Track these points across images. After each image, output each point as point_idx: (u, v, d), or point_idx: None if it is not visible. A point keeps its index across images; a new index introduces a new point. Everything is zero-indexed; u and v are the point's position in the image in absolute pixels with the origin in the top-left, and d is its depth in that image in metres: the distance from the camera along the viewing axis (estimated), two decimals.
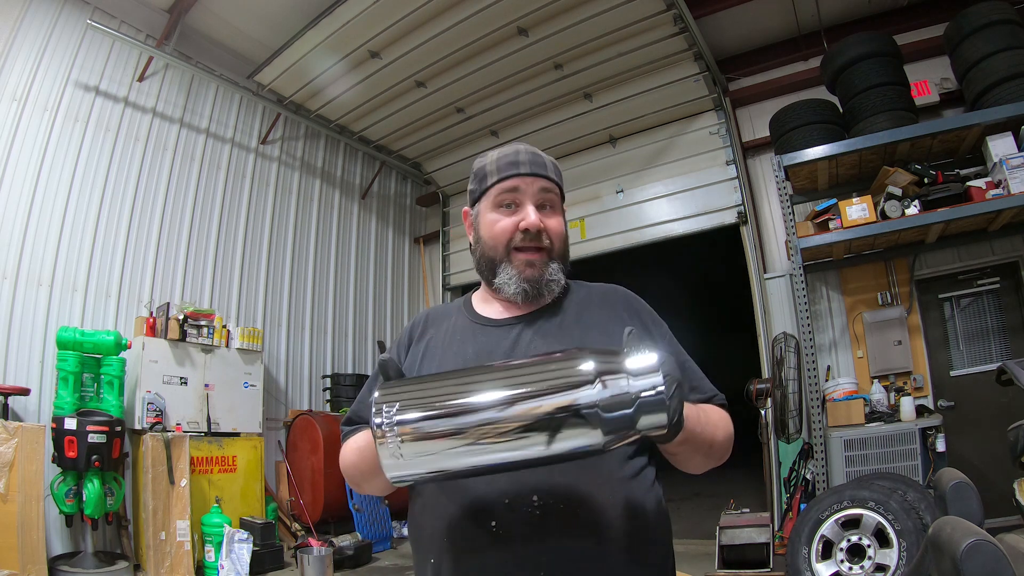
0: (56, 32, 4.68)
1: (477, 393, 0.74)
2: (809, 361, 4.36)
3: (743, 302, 5.83)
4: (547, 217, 1.09)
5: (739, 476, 7.33)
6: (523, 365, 0.78)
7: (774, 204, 5.39)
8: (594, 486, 0.93)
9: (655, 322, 1.14)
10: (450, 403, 0.74)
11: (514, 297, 1.09)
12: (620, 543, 0.93)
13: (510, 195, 1.08)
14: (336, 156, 7.03)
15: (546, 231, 1.08)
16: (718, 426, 0.99)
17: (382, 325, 7.30)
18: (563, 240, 1.12)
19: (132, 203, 5.03)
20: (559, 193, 1.14)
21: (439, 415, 0.73)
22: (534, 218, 1.06)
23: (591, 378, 0.71)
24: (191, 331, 4.80)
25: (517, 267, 1.07)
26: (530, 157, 1.11)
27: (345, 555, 4.56)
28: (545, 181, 1.10)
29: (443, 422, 0.73)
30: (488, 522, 0.91)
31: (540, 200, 1.09)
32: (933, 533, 1.05)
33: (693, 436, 0.90)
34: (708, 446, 0.95)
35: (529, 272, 1.07)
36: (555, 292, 1.10)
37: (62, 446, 3.78)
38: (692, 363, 1.10)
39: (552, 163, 1.14)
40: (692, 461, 0.98)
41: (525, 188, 1.08)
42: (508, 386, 0.74)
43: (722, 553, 4.06)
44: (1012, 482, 2.88)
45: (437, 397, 0.76)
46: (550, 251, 1.09)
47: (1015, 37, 4.08)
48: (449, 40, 5.08)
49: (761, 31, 5.62)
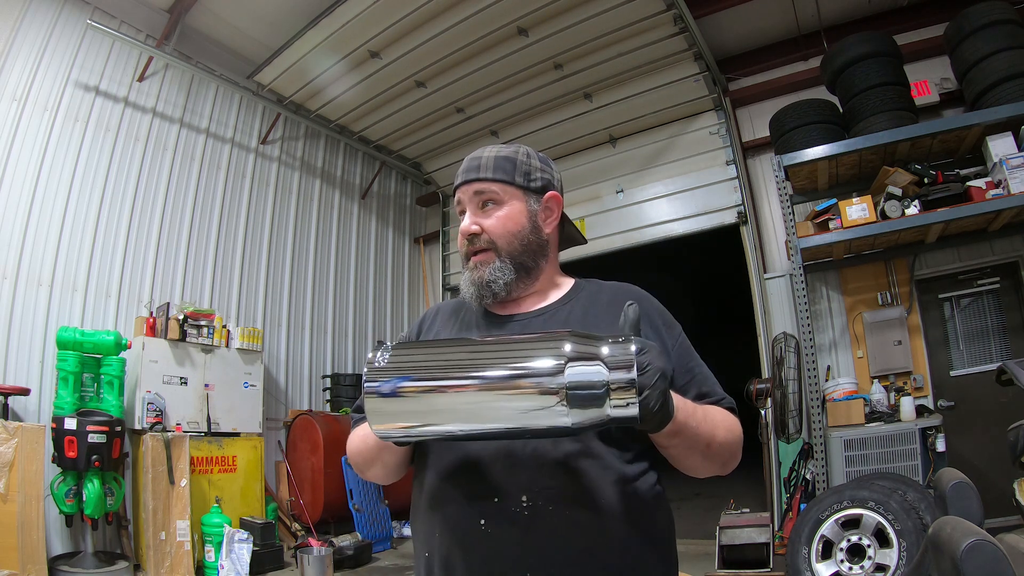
0: (56, 32, 4.68)
1: (460, 358, 0.81)
2: (809, 361, 4.36)
3: (743, 302, 5.83)
4: (485, 217, 1.09)
5: (739, 476, 7.33)
6: (509, 340, 0.83)
7: (774, 204, 5.39)
8: (585, 488, 0.93)
9: (667, 324, 1.11)
10: (432, 364, 0.82)
11: (469, 300, 1.12)
12: (613, 551, 0.93)
13: (459, 207, 1.14)
14: (336, 156, 7.03)
15: (483, 232, 1.09)
16: (719, 425, 0.97)
17: (382, 325, 7.30)
18: (510, 234, 1.08)
19: (132, 203, 5.03)
20: (506, 185, 1.09)
21: (421, 375, 0.80)
22: (465, 223, 1.11)
23: (563, 359, 0.74)
24: (191, 331, 4.80)
25: (469, 269, 1.11)
26: (467, 163, 1.13)
27: (345, 555, 4.56)
28: (478, 183, 1.10)
29: (423, 382, 0.80)
30: (478, 520, 0.93)
31: (477, 202, 1.11)
32: (933, 533, 1.05)
33: (685, 429, 0.89)
34: (705, 444, 0.93)
35: (475, 275, 1.09)
36: (499, 293, 1.08)
37: (62, 446, 3.78)
38: (703, 367, 1.08)
39: (495, 158, 1.11)
40: (690, 460, 0.96)
41: (464, 197, 1.12)
42: (489, 355, 0.79)
43: (722, 553, 4.06)
44: (1012, 482, 2.88)
45: (423, 359, 0.83)
46: (494, 250, 1.08)
47: (1015, 37, 4.08)
48: (449, 40, 5.08)
49: (761, 31, 5.62)
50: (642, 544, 0.96)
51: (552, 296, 1.14)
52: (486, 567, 0.92)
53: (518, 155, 1.12)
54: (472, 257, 1.10)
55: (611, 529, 0.93)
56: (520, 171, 1.11)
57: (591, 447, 0.95)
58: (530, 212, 1.11)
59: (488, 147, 1.15)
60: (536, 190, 1.12)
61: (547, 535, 0.91)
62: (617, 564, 0.93)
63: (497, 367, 0.76)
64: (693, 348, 1.11)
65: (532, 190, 1.12)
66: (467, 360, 0.80)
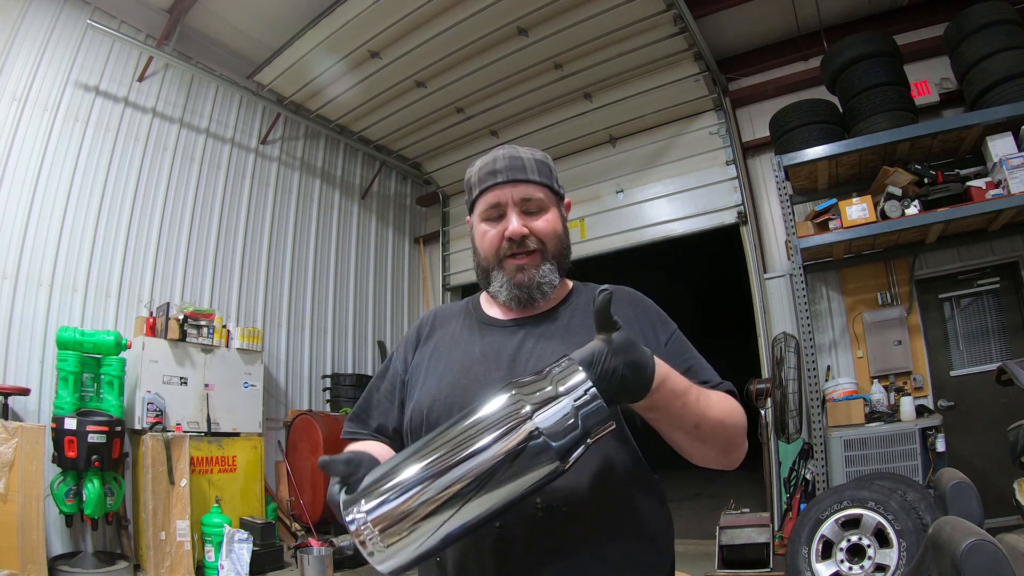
0: (56, 32, 4.68)
1: (433, 464, 0.75)
2: (809, 361, 4.36)
3: (743, 302, 5.83)
4: (533, 219, 1.08)
5: (739, 476, 7.34)
6: (470, 420, 0.78)
7: (774, 204, 5.39)
8: (596, 488, 0.94)
9: (663, 322, 1.12)
10: (411, 480, 0.75)
11: (507, 303, 1.10)
12: (621, 544, 0.94)
13: (494, 209, 1.09)
14: (336, 156, 7.02)
15: (533, 234, 1.07)
16: (713, 404, 0.95)
17: (382, 325, 7.30)
18: (557, 238, 1.10)
19: (132, 203, 5.02)
20: (548, 191, 1.11)
21: (405, 496, 0.74)
22: (516, 225, 1.06)
23: (527, 416, 0.74)
24: (191, 331, 4.80)
25: (508, 273, 1.08)
26: (507, 163, 1.09)
27: (345, 555, 4.55)
28: (525, 185, 1.07)
29: (411, 500, 0.73)
30: (492, 523, 0.92)
31: (523, 205, 1.08)
32: (933, 533, 1.05)
33: (670, 400, 0.87)
34: (694, 424, 0.91)
35: (519, 277, 1.07)
36: (547, 294, 1.09)
37: (62, 446, 3.78)
38: (700, 360, 1.08)
39: (535, 161, 1.11)
40: (675, 436, 0.94)
41: (505, 197, 1.07)
42: (460, 446, 0.75)
43: (722, 553, 4.06)
44: (1012, 482, 2.89)
45: (404, 504, 0.74)
46: (543, 252, 1.08)
47: (1015, 37, 4.08)
48: (449, 40, 5.07)
49: (761, 31, 5.62)
50: (648, 541, 0.98)
51: (555, 298, 1.15)
52: (502, 569, 0.92)
53: (548, 160, 1.15)
54: (512, 259, 1.08)
55: (621, 527, 0.95)
56: (554, 177, 1.14)
57: (600, 445, 0.96)
58: (563, 217, 1.15)
59: (517, 148, 1.13)
60: (562, 197, 1.17)
61: (562, 534, 0.92)
62: (624, 561, 0.94)
63: (477, 456, 0.74)
64: (690, 343, 1.11)
65: (560, 196, 1.16)
66: (446, 462, 0.75)
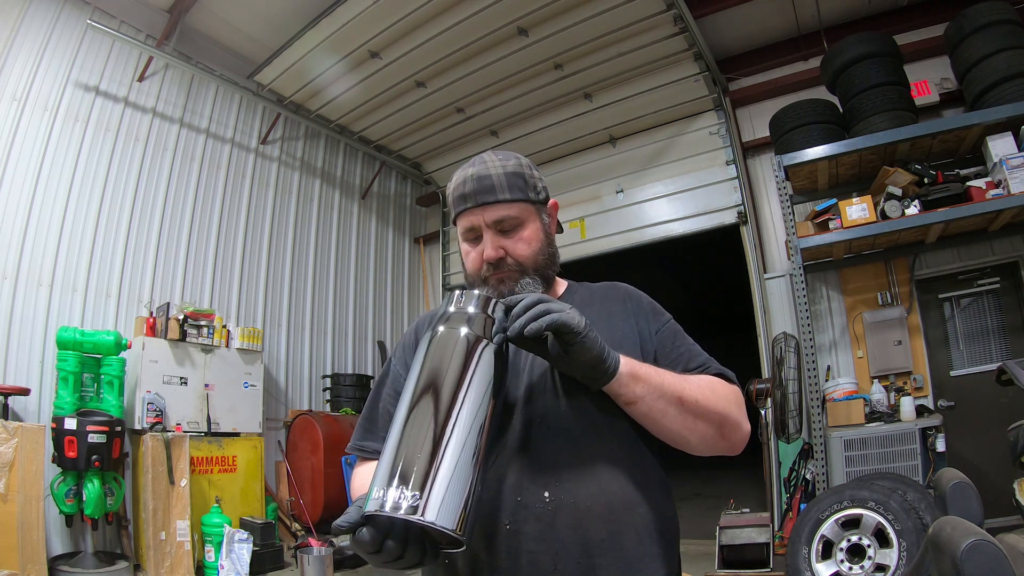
0: (56, 32, 4.68)
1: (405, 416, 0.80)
2: (809, 361, 4.36)
3: (743, 302, 5.83)
4: (508, 238, 1.07)
5: (739, 476, 7.34)
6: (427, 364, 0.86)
7: (774, 204, 5.39)
8: (604, 484, 0.95)
9: (656, 312, 1.15)
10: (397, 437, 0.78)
11: None
12: (631, 537, 0.95)
13: (470, 232, 1.09)
14: (336, 156, 7.02)
15: (509, 255, 1.06)
16: (693, 383, 0.98)
17: (382, 325, 7.30)
18: (535, 253, 1.08)
19: (132, 203, 5.03)
20: (524, 203, 1.08)
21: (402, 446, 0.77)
22: (490, 251, 1.06)
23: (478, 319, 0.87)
24: (191, 331, 4.80)
25: (493, 286, 1.08)
26: (475, 185, 1.06)
27: (345, 555, 4.55)
28: (495, 207, 1.05)
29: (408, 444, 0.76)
30: (501, 518, 0.94)
31: (498, 226, 1.07)
32: (933, 533, 1.05)
33: (630, 383, 0.93)
34: (676, 397, 0.96)
35: (503, 289, 1.07)
36: None
37: (62, 446, 3.78)
38: (693, 346, 1.11)
39: (506, 176, 1.07)
40: (664, 423, 0.97)
41: (478, 221, 1.06)
42: (413, 392, 0.82)
43: (722, 553, 4.06)
44: (1012, 482, 2.89)
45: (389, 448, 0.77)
46: (522, 269, 1.08)
47: (1015, 37, 4.08)
48: (449, 40, 5.08)
49: (761, 31, 5.62)
50: (658, 534, 0.99)
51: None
52: (513, 564, 0.93)
53: (523, 168, 1.09)
54: (494, 276, 1.08)
55: (630, 520, 0.96)
56: (531, 186, 1.09)
57: (605, 442, 0.98)
58: (544, 226, 1.11)
59: (487, 161, 1.09)
60: (543, 202, 1.12)
61: (571, 528, 0.93)
62: (634, 553, 0.95)
63: (430, 377, 0.82)
64: (684, 332, 1.13)
65: (541, 203, 1.12)
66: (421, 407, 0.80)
